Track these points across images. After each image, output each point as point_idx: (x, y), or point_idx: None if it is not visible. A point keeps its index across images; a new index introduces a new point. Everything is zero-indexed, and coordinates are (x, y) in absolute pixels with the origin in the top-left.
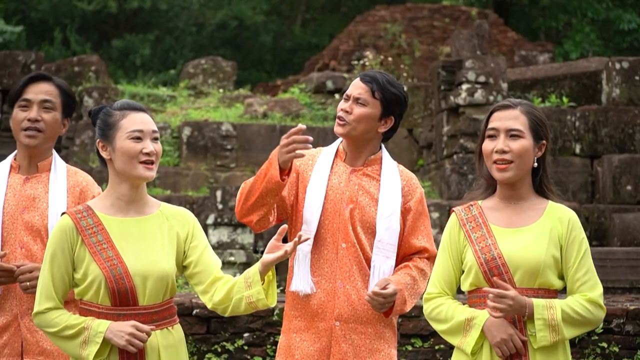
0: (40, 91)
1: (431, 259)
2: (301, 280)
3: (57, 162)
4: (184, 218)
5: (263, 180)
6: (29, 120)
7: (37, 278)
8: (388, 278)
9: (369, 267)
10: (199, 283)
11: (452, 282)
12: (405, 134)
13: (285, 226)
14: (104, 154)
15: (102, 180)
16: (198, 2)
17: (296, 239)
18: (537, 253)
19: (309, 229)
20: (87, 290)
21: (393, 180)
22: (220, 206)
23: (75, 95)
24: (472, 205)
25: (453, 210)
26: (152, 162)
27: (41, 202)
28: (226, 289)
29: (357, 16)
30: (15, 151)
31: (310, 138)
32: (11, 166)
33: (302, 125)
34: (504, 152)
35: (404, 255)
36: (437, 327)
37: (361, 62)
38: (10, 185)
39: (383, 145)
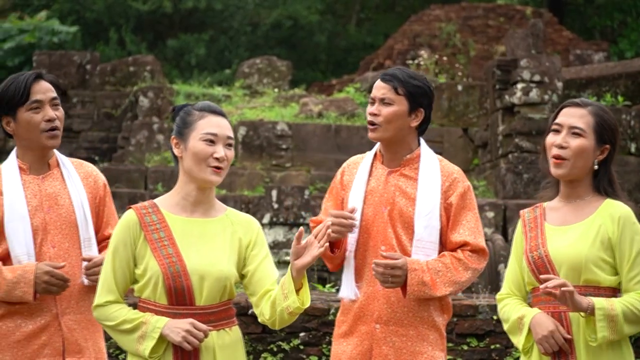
0: (46, 90)
1: (476, 252)
2: (346, 287)
3: (61, 157)
4: (249, 225)
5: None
6: (48, 120)
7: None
8: (407, 257)
9: None
10: (253, 294)
11: (520, 283)
12: (461, 133)
13: (302, 229)
14: (176, 151)
15: (157, 180)
16: (253, 1)
17: (322, 227)
18: (579, 249)
19: (351, 234)
20: (145, 287)
21: (432, 177)
22: (275, 206)
23: (131, 95)
24: (537, 207)
25: (519, 213)
26: (220, 168)
27: (63, 198)
28: (270, 304)
29: (412, 15)
30: (13, 153)
31: (356, 223)
32: (20, 168)
33: (354, 206)
34: (562, 147)
35: (449, 251)
36: (504, 326)
37: (416, 61)
38: (27, 187)
39: (423, 142)
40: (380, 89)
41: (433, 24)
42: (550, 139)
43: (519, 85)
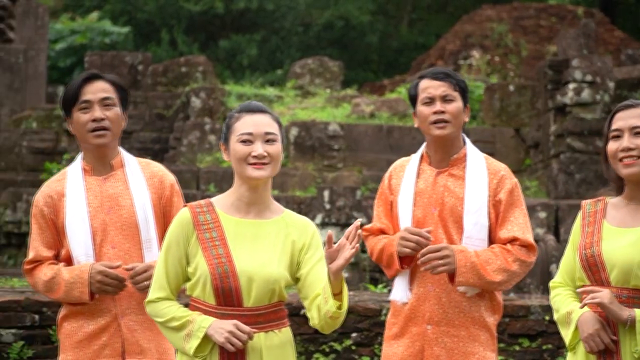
0: (97, 90)
1: (525, 247)
2: (399, 290)
3: (128, 157)
4: (304, 228)
5: (384, 263)
6: (94, 120)
7: (151, 277)
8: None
9: None
10: (305, 297)
11: (573, 274)
12: (513, 133)
13: (330, 233)
14: (224, 156)
15: (209, 180)
16: (304, 2)
17: (352, 229)
18: (632, 254)
19: None
20: (195, 286)
21: (479, 175)
22: (327, 206)
23: (183, 95)
24: (599, 201)
25: (581, 203)
26: (263, 164)
27: (125, 199)
28: (316, 308)
29: (464, 16)
30: (80, 155)
31: (431, 241)
32: (84, 169)
33: (430, 228)
34: (629, 149)
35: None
36: (554, 315)
37: (467, 61)
38: (89, 188)
39: (468, 140)
40: (438, 87)
41: (485, 24)
42: (613, 145)
43: (571, 86)
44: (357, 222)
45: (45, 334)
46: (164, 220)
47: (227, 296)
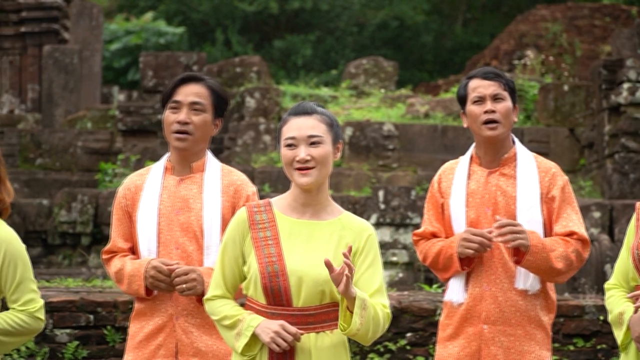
0: (190, 93)
1: (581, 241)
2: (455, 290)
3: (211, 162)
4: (359, 231)
5: (441, 266)
6: (178, 122)
7: (193, 280)
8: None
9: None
10: None
11: (628, 274)
12: (567, 133)
13: (327, 259)
14: (281, 158)
15: (264, 180)
16: (359, 2)
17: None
18: None
19: None
20: (249, 285)
21: (530, 173)
22: (382, 206)
23: (237, 95)
24: None
25: (635, 205)
26: (307, 168)
27: (195, 203)
28: None
29: (518, 15)
30: (169, 152)
31: (493, 242)
32: (166, 167)
33: (492, 229)
34: None
35: None
36: (608, 317)
37: (522, 61)
38: (165, 187)
39: (517, 140)
40: (488, 86)
41: (539, 24)
42: None
43: (625, 85)
44: (348, 248)
45: (99, 334)
46: None
47: (276, 296)
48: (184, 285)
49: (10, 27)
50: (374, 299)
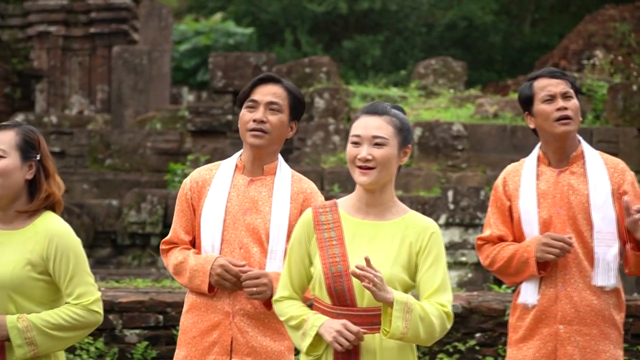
0: (267, 92)
1: None
2: (529, 292)
3: (283, 167)
4: (423, 231)
5: (513, 270)
6: (254, 120)
7: (264, 285)
8: None
9: (591, 265)
10: None
11: None
12: (636, 133)
13: (353, 270)
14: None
15: (333, 181)
16: (428, 2)
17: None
18: None
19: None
20: (314, 286)
21: (599, 170)
22: (451, 206)
23: (307, 96)
24: None
25: None
26: (368, 168)
27: (264, 206)
28: None
29: (587, 15)
30: (241, 151)
31: (573, 246)
32: (236, 166)
33: (571, 234)
34: None
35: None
36: None
37: (591, 61)
38: (235, 185)
39: (581, 138)
40: (557, 84)
41: (607, 24)
42: None
43: None
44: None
45: (169, 334)
46: None
47: (340, 296)
48: (255, 289)
49: (80, 28)
50: (434, 297)
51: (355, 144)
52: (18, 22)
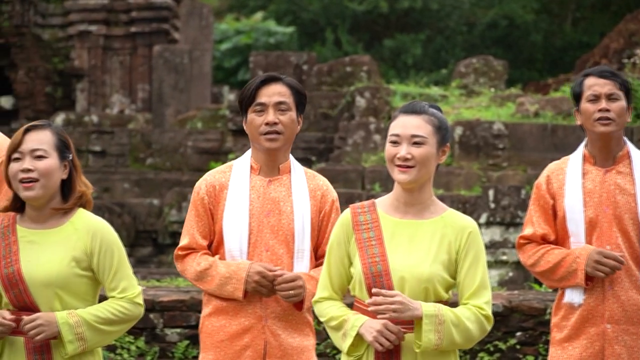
0: (273, 93)
1: None
2: (577, 292)
3: (295, 165)
4: (461, 229)
5: (558, 277)
6: (267, 124)
7: (299, 287)
8: None
9: (637, 265)
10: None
11: None
12: None
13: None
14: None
15: (374, 180)
16: (469, 1)
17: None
18: None
19: (577, 240)
20: (355, 286)
21: None
22: (492, 205)
23: (347, 95)
24: None
25: None
26: (407, 167)
27: (285, 206)
28: None
29: (627, 14)
30: (249, 151)
31: (623, 264)
32: (251, 167)
33: (621, 253)
34: None
35: None
36: None
37: (632, 60)
38: (253, 187)
39: (626, 139)
40: (604, 85)
41: None
42: None
43: None
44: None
45: None
46: (318, 233)
47: None
48: (292, 292)
49: (121, 27)
50: (473, 299)
51: (394, 143)
52: (59, 22)
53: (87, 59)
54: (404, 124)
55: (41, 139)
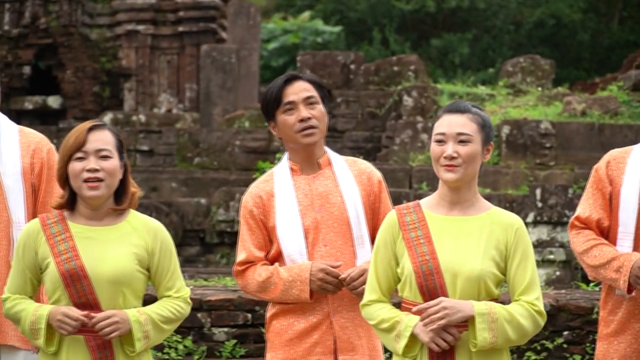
0: (299, 90)
1: None
2: None
3: (334, 155)
4: (508, 227)
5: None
6: (301, 120)
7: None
8: None
9: None
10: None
11: None
12: None
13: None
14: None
15: (421, 179)
16: (516, 0)
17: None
18: None
19: (625, 230)
20: (404, 286)
21: None
22: (539, 204)
23: (395, 94)
24: None
25: None
26: (453, 165)
27: (335, 197)
28: None
29: None
30: (286, 155)
31: None
32: (292, 169)
33: None
34: None
35: None
36: None
37: None
38: (298, 188)
39: None
40: None
41: None
42: None
43: None
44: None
45: (257, 332)
46: (372, 216)
47: (432, 294)
48: (363, 287)
49: (168, 26)
50: (524, 295)
51: (440, 142)
52: (106, 21)
53: (135, 59)
54: (449, 123)
55: (105, 139)
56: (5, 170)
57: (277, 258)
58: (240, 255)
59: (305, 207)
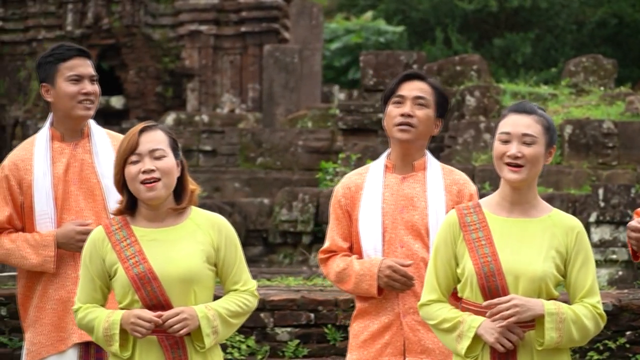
0: (414, 88)
1: None
2: None
3: (432, 161)
4: (570, 230)
5: None
6: (402, 115)
7: None
8: None
9: None
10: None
11: None
12: None
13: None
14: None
15: (484, 179)
16: (578, 0)
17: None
18: None
19: None
20: (464, 287)
21: None
22: (602, 204)
23: (457, 94)
24: None
25: None
26: (517, 165)
27: (420, 201)
28: None
29: None
30: (388, 151)
31: None
32: (386, 166)
33: None
34: None
35: None
36: None
37: None
38: (387, 185)
39: None
40: None
41: None
42: None
43: None
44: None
45: (320, 332)
46: None
47: (494, 295)
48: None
49: (231, 27)
50: (586, 298)
51: (504, 141)
52: (169, 22)
53: (198, 59)
54: (514, 123)
55: (158, 139)
56: (103, 172)
57: (359, 249)
58: (326, 243)
59: (388, 205)
